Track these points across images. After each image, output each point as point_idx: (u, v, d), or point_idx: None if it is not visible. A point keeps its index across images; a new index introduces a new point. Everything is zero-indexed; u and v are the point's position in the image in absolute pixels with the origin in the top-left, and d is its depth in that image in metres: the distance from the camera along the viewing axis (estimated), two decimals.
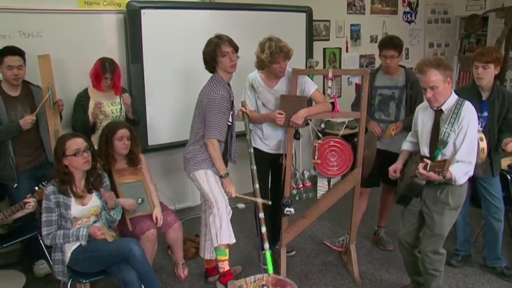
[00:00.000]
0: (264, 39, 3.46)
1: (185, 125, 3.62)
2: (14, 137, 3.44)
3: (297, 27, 5.21)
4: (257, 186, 3.34)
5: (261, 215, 3.26)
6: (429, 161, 2.71)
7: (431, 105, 2.89)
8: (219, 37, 3.28)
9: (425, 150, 2.98)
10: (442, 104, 2.85)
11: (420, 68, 2.82)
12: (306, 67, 4.31)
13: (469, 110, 2.82)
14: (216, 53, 3.24)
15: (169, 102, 4.41)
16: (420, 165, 2.72)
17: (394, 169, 3.16)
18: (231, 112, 3.40)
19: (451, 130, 2.80)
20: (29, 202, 2.92)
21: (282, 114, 3.39)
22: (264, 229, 3.24)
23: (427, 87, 2.81)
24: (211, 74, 3.37)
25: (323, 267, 3.87)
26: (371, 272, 3.79)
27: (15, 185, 3.48)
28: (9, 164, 3.45)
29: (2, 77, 3.46)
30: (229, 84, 3.38)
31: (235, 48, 3.29)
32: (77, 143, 2.93)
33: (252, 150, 3.45)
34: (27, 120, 3.38)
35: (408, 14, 6.78)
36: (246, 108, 3.52)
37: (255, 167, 3.36)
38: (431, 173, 2.68)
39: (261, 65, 3.51)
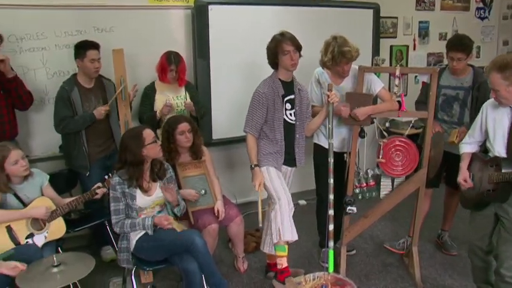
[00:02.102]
0: (330, 37, 3.42)
1: None
2: (88, 128, 3.60)
3: (364, 24, 5.13)
4: (331, 181, 3.24)
5: (331, 212, 3.20)
6: None
7: (500, 104, 2.79)
8: (282, 34, 3.27)
9: (500, 151, 2.81)
10: None
11: (487, 67, 2.74)
12: (372, 65, 4.23)
13: None
14: (277, 50, 3.24)
15: (234, 97, 4.45)
16: None
17: (464, 179, 3.00)
18: (293, 110, 3.37)
19: None
20: (99, 190, 3.10)
21: (346, 106, 3.34)
22: (331, 227, 3.20)
23: (491, 88, 2.74)
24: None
25: (383, 268, 3.81)
26: (433, 276, 3.68)
27: (88, 173, 3.65)
28: (83, 154, 3.63)
29: (77, 70, 3.64)
30: (289, 82, 3.35)
31: (298, 47, 3.25)
32: (150, 133, 3.05)
33: (333, 141, 3.31)
34: (101, 111, 3.55)
35: (482, 10, 6.48)
36: (333, 93, 3.22)
37: (332, 160, 3.26)
38: None
39: (324, 65, 3.50)
